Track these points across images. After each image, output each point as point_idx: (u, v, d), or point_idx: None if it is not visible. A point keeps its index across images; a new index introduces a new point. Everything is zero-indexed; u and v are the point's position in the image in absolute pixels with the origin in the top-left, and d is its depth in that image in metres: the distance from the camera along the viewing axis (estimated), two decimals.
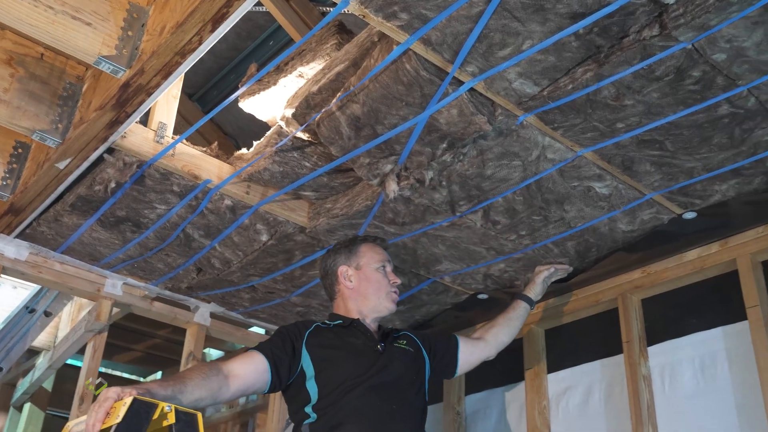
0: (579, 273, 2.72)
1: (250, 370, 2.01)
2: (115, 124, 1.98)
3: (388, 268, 2.33)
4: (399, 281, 2.33)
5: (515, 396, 2.97)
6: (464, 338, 2.50)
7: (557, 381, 2.83)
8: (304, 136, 2.21)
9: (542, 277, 2.65)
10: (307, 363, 2.08)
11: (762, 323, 2.23)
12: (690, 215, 2.36)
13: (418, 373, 2.26)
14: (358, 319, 2.24)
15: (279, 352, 2.06)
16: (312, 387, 2.07)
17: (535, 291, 2.65)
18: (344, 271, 2.29)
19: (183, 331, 3.28)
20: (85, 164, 2.18)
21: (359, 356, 2.13)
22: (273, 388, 2.07)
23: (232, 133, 3.82)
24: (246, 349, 2.13)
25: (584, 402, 2.71)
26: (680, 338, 2.50)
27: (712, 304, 2.46)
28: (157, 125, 2.22)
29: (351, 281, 2.28)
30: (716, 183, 2.20)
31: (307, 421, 2.05)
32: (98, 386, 1.60)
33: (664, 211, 2.35)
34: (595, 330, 2.77)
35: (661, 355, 2.52)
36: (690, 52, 1.67)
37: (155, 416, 1.61)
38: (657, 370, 2.51)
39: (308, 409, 2.05)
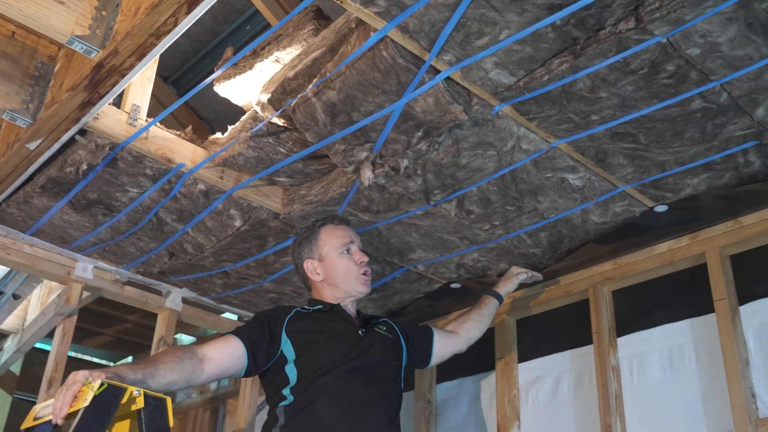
0: (551, 264, 2.74)
1: (226, 355, 2.00)
2: (88, 105, 1.95)
3: (353, 248, 2.28)
4: (366, 259, 2.30)
5: (486, 385, 2.99)
6: (439, 330, 2.51)
7: (527, 371, 2.85)
8: (280, 122, 2.20)
9: (519, 279, 2.70)
10: (287, 348, 2.08)
11: (729, 316, 2.26)
12: (661, 208, 2.39)
13: (396, 359, 2.27)
14: (338, 304, 2.23)
15: (256, 337, 2.06)
16: (291, 370, 2.06)
17: (506, 289, 2.69)
18: (309, 265, 2.28)
19: (154, 316, 3.26)
20: (57, 145, 2.15)
21: (340, 340, 2.13)
22: (249, 373, 2.06)
23: (208, 117, 3.79)
24: (222, 334, 2.12)
25: (554, 391, 2.74)
26: (649, 330, 2.53)
27: (680, 296, 2.49)
28: (131, 107, 2.20)
29: (318, 274, 2.27)
30: (688, 177, 2.22)
31: (282, 403, 2.04)
32: (98, 386, 1.59)
33: (636, 204, 2.37)
34: (566, 320, 2.80)
35: (630, 346, 2.55)
36: (665, 46, 1.68)
37: (124, 400, 1.61)
38: (626, 360, 2.54)
39: (286, 391, 2.05)
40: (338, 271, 2.25)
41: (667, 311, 2.50)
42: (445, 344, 2.50)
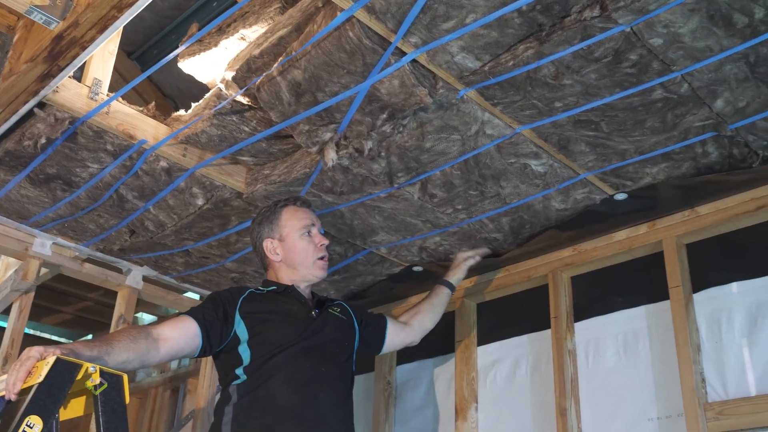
0: (512, 249, 2.77)
1: (180, 335, 2.01)
2: (47, 77, 1.92)
3: (314, 231, 2.29)
4: (326, 242, 2.30)
5: (445, 367, 3.02)
6: (392, 320, 2.54)
7: (486, 354, 2.89)
8: (244, 100, 2.18)
9: (467, 264, 2.72)
10: (241, 328, 2.08)
11: (683, 303, 2.31)
12: (621, 196, 2.42)
13: (349, 340, 2.29)
14: (292, 285, 2.24)
15: (211, 317, 2.06)
16: (245, 351, 2.07)
17: (457, 277, 2.71)
18: (268, 244, 2.28)
19: (114, 294, 3.23)
20: (14, 118, 2.11)
21: (293, 320, 2.15)
22: (203, 353, 2.06)
23: (172, 94, 3.73)
24: (178, 314, 2.12)
25: (511, 374, 2.78)
26: (606, 315, 2.58)
27: (637, 283, 2.53)
28: (92, 81, 2.16)
29: (277, 254, 2.27)
30: (647, 166, 2.26)
31: (235, 382, 2.05)
32: (98, 386, 1.58)
33: (596, 191, 2.41)
34: (525, 305, 2.84)
35: (587, 331, 2.60)
36: (628, 35, 1.70)
37: (79, 376, 1.59)
38: (582, 345, 2.59)
39: (239, 371, 2.06)
40: (297, 253, 2.25)
41: (624, 297, 2.55)
42: (398, 334, 2.52)
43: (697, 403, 2.17)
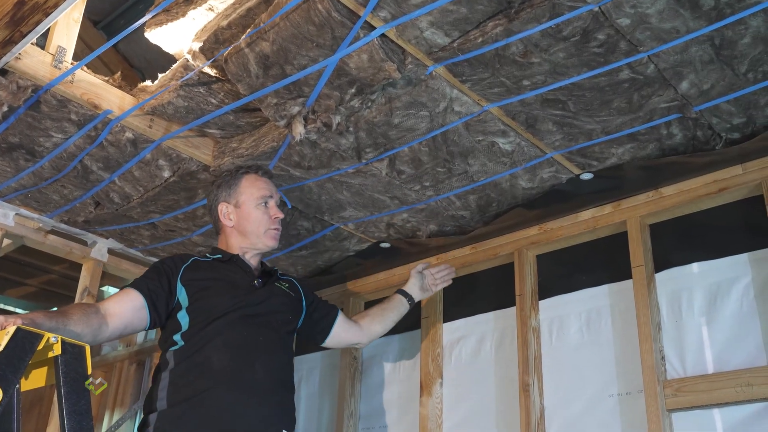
0: (479, 227, 2.79)
1: (127, 308, 2.01)
2: (9, 43, 1.88)
3: (271, 203, 2.30)
4: (281, 216, 2.30)
5: (411, 343, 3.04)
6: (344, 316, 2.55)
7: (452, 330, 2.91)
8: (212, 72, 2.16)
9: (415, 271, 2.74)
10: (182, 296, 2.09)
11: (645, 282, 2.35)
12: (587, 176, 2.44)
13: (293, 315, 2.30)
14: (237, 254, 2.25)
15: (155, 287, 2.06)
16: (183, 317, 2.07)
17: (410, 286, 2.71)
18: (223, 208, 2.28)
19: (79, 267, 3.19)
20: None
21: (234, 288, 2.15)
22: (153, 324, 2.07)
23: (139, 66, 3.69)
24: (122, 288, 2.11)
25: (476, 351, 2.81)
26: (570, 293, 2.61)
27: (601, 262, 2.57)
28: (56, 49, 2.12)
29: (231, 219, 2.27)
30: (613, 146, 2.28)
31: (172, 348, 2.05)
32: (98, 386, 1.57)
33: (563, 171, 2.42)
34: (491, 283, 2.86)
35: (551, 308, 2.63)
36: (596, 15, 1.71)
37: (40, 347, 1.58)
38: (546, 322, 2.62)
39: (177, 337, 2.06)
40: (251, 222, 2.26)
41: (588, 276, 2.58)
42: (346, 330, 2.53)
43: (656, 380, 2.22)
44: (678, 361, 2.26)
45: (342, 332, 2.52)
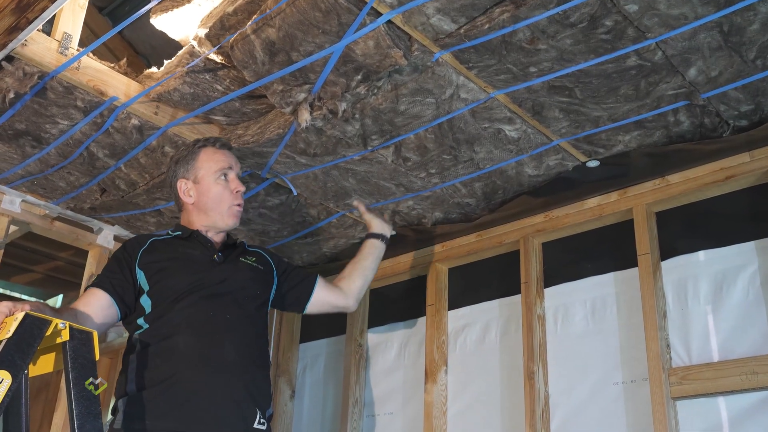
0: (485, 214, 2.78)
1: (96, 309, 2.00)
2: (15, 30, 1.87)
3: (231, 175, 2.20)
4: (242, 188, 2.22)
5: (416, 331, 3.04)
6: (324, 280, 2.44)
7: (457, 318, 2.92)
8: (218, 59, 2.15)
9: (365, 211, 2.63)
10: (142, 280, 2.05)
11: (651, 270, 2.35)
12: (593, 163, 2.44)
13: (262, 289, 2.22)
14: (197, 230, 2.18)
15: (119, 280, 2.04)
16: (146, 301, 2.04)
17: (374, 225, 2.60)
18: (182, 185, 2.20)
19: (85, 254, 3.20)
20: None
21: (194, 266, 2.10)
22: (125, 316, 2.06)
23: (145, 52, 3.67)
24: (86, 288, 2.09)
25: (481, 339, 2.81)
26: (575, 281, 2.61)
27: (607, 250, 2.57)
28: (62, 35, 2.12)
29: (190, 196, 2.19)
30: (620, 133, 2.27)
31: (137, 332, 2.01)
32: (98, 386, 1.57)
33: (569, 158, 2.42)
34: (496, 270, 2.86)
35: (556, 296, 2.63)
36: (604, 1, 1.69)
37: (48, 332, 1.59)
38: (551, 310, 2.62)
39: (140, 321, 2.02)
40: (211, 197, 2.17)
41: (593, 264, 2.58)
42: (327, 294, 2.41)
43: (661, 368, 2.22)
44: (683, 349, 2.26)
45: (323, 297, 2.40)
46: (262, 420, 2.01)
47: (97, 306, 2.00)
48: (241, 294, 2.11)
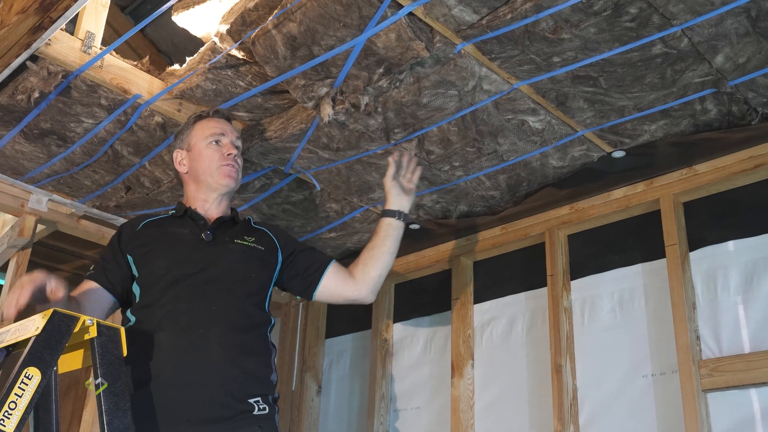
0: (510, 207, 2.76)
1: (92, 300, 1.95)
2: (39, 29, 1.89)
3: (224, 140, 2.10)
4: (235, 152, 2.09)
5: (442, 325, 3.04)
6: (339, 266, 2.18)
7: (483, 311, 2.90)
8: (239, 54, 2.15)
9: (389, 180, 2.28)
10: (133, 266, 1.99)
11: (679, 261, 2.32)
12: (619, 154, 2.41)
13: (259, 272, 2.04)
14: (191, 207, 2.08)
15: (112, 270, 1.99)
16: (136, 289, 1.96)
17: (392, 199, 2.26)
18: (177, 156, 2.13)
19: None
20: (7, 71, 2.08)
21: (179, 247, 1.99)
22: (125, 304, 2.00)
23: (167, 50, 3.69)
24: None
25: (507, 332, 2.80)
26: (602, 273, 2.59)
27: (633, 241, 2.54)
28: (85, 34, 2.13)
29: (183, 165, 2.12)
30: (646, 123, 2.24)
31: (127, 326, 1.92)
32: (98, 386, 1.58)
33: (594, 149, 2.39)
34: (522, 263, 2.84)
35: (583, 289, 2.61)
36: None
37: (76, 329, 1.60)
38: (578, 303, 2.60)
39: (128, 313, 1.95)
40: (201, 162, 2.08)
41: (620, 255, 2.55)
42: (340, 282, 2.15)
43: (691, 360, 2.19)
44: (713, 341, 2.23)
45: (335, 284, 2.14)
46: (262, 406, 1.87)
47: (92, 298, 1.94)
48: (229, 278, 1.96)
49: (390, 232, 2.21)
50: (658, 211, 2.45)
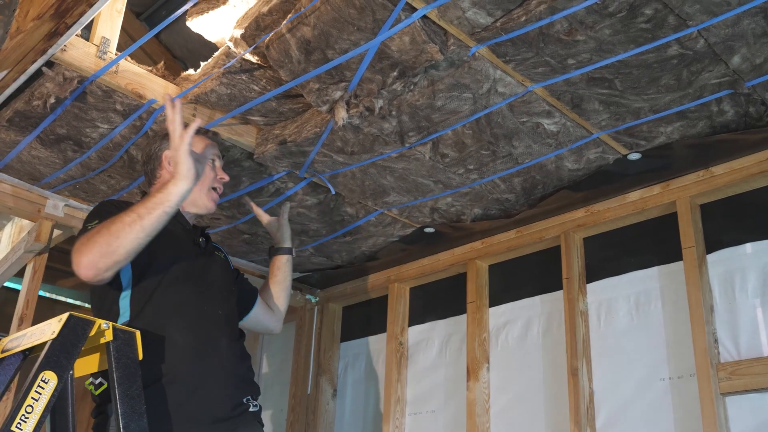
0: (525, 210, 2.75)
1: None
2: (55, 35, 1.90)
3: (218, 163, 2.16)
4: (227, 178, 2.15)
5: (457, 328, 3.03)
6: (261, 299, 2.39)
7: (498, 315, 2.89)
8: (253, 59, 2.16)
9: (271, 222, 2.55)
10: None
11: (696, 264, 2.30)
12: (635, 156, 2.39)
13: (233, 285, 2.18)
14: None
15: None
16: (127, 272, 1.90)
17: (285, 239, 2.52)
18: (170, 155, 2.07)
19: None
20: (23, 77, 2.10)
21: (180, 246, 2.01)
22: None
23: (182, 56, 3.71)
24: None
25: (523, 335, 2.78)
26: (618, 276, 2.57)
27: (650, 244, 2.52)
28: (100, 40, 2.14)
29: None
30: (662, 125, 2.22)
31: (121, 321, 1.86)
32: (98, 386, 1.59)
33: (609, 151, 2.38)
34: (537, 266, 2.83)
35: (599, 292, 2.60)
36: None
37: (92, 333, 1.61)
38: (594, 306, 2.59)
39: (123, 302, 1.88)
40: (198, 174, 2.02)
41: (636, 258, 2.54)
42: (263, 313, 2.38)
43: (709, 363, 2.17)
44: (731, 344, 2.21)
45: (261, 314, 2.36)
46: (254, 403, 1.99)
47: None
48: (222, 286, 2.06)
49: (290, 267, 2.49)
50: (674, 213, 2.43)
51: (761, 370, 2.10)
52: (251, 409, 1.96)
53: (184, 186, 1.86)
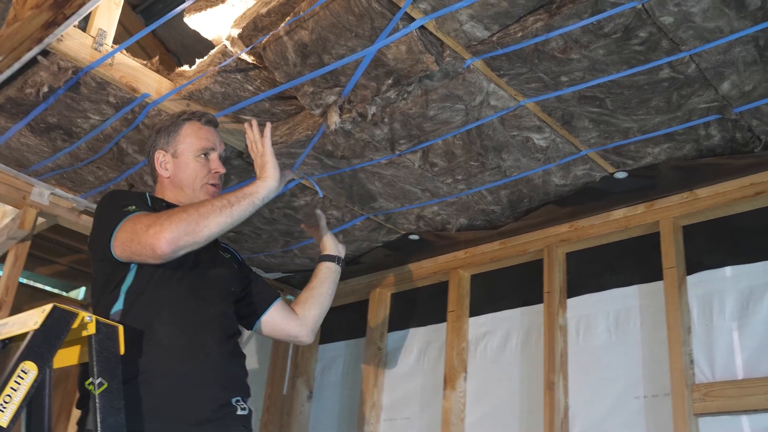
0: (510, 222, 2.77)
1: None
2: (52, 25, 1.90)
3: (213, 155, 2.08)
4: (222, 171, 2.08)
5: (436, 336, 3.04)
6: (283, 303, 2.27)
7: (478, 325, 2.91)
8: (249, 59, 2.16)
9: (324, 231, 2.52)
10: None
11: (676, 284, 2.33)
12: (621, 175, 2.42)
13: (236, 288, 2.09)
14: (176, 206, 2.00)
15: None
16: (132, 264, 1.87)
17: (329, 246, 2.47)
18: (160, 157, 2.06)
19: None
20: (17, 65, 2.09)
21: None
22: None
23: (176, 50, 3.70)
24: None
25: (501, 347, 2.80)
26: (599, 293, 2.59)
27: (631, 262, 2.55)
28: (97, 32, 2.14)
29: (167, 169, 2.06)
30: (649, 145, 2.25)
31: (115, 309, 1.84)
32: (99, 386, 1.58)
33: (597, 169, 2.40)
34: (519, 279, 2.85)
35: (579, 307, 2.62)
36: (639, 12, 1.69)
37: (75, 325, 1.60)
38: (573, 321, 2.61)
39: (123, 289, 1.86)
40: (187, 173, 2.04)
41: (617, 276, 2.56)
42: (283, 318, 2.24)
43: (684, 383, 2.20)
44: (707, 366, 2.24)
45: (278, 319, 2.22)
46: (243, 406, 1.89)
47: None
48: (220, 285, 2.00)
49: (329, 275, 2.40)
50: (657, 233, 2.46)
51: (735, 393, 2.13)
52: (239, 412, 1.87)
53: (272, 183, 1.96)
